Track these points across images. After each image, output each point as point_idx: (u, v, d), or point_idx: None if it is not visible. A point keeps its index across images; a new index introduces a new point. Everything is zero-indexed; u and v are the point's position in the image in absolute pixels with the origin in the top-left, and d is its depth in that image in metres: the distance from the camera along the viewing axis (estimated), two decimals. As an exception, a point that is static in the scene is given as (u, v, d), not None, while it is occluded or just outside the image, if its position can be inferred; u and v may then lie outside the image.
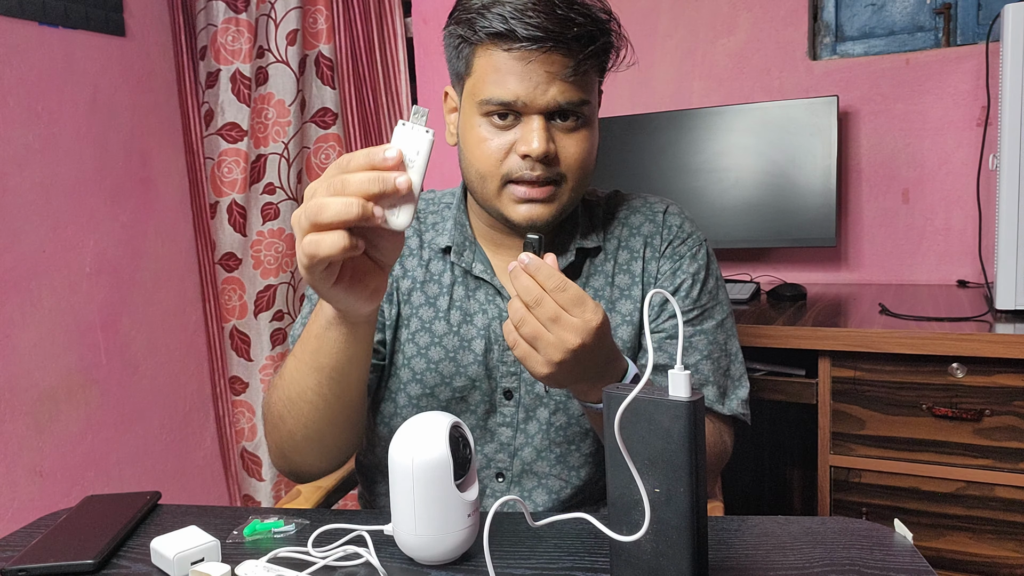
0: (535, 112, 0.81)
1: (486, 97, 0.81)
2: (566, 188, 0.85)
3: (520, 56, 0.79)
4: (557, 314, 0.66)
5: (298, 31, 2.07)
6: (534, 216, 0.84)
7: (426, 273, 0.95)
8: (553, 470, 0.92)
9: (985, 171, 1.66)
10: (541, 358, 0.68)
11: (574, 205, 0.88)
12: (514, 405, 0.92)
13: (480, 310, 0.92)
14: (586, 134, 0.85)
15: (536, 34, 0.77)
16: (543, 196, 0.83)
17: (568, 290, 0.67)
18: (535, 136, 0.80)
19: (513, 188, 0.83)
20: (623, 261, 0.94)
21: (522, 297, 0.68)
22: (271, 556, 0.69)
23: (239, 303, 2.19)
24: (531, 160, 0.81)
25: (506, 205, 0.85)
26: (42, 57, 1.84)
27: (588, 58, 0.80)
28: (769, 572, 0.65)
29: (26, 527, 0.81)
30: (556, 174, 0.83)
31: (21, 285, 1.79)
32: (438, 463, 0.66)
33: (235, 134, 2.12)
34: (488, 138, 0.83)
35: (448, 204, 0.98)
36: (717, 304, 0.95)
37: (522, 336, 0.68)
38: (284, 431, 0.83)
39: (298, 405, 0.80)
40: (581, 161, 0.84)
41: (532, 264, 0.67)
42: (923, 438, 1.33)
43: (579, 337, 0.67)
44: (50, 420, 1.85)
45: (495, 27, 0.78)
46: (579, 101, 0.82)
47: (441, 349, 0.92)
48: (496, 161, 0.83)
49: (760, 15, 1.87)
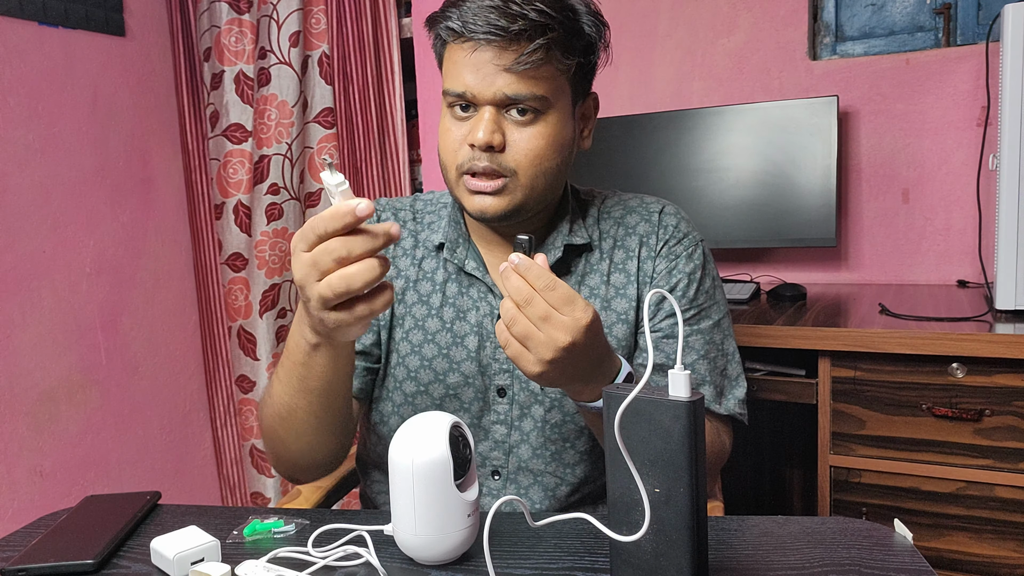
0: (485, 103, 0.83)
1: (446, 88, 0.86)
2: (518, 183, 0.85)
3: (470, 48, 0.82)
4: (547, 313, 0.67)
5: (300, 32, 2.08)
6: (484, 207, 0.85)
7: (419, 271, 0.96)
8: (548, 467, 0.93)
9: (985, 171, 1.66)
10: (533, 357, 0.68)
11: (537, 201, 0.88)
12: (508, 403, 0.92)
13: (473, 307, 0.93)
14: (542, 130, 0.84)
15: (484, 28, 0.80)
16: (492, 189, 0.84)
17: (558, 289, 0.67)
18: (480, 126, 0.82)
19: (466, 179, 0.86)
20: (619, 260, 0.94)
21: (512, 297, 0.68)
22: (271, 556, 0.69)
23: (245, 303, 2.20)
24: (477, 150, 0.83)
25: (463, 195, 0.87)
26: (42, 57, 1.84)
27: (536, 50, 0.80)
28: (769, 572, 0.65)
29: (26, 527, 0.81)
30: (504, 167, 0.84)
31: (21, 285, 1.79)
32: (438, 463, 0.66)
33: (239, 135, 2.13)
34: (449, 129, 0.87)
35: (444, 203, 1.00)
36: (714, 304, 0.95)
37: (513, 336, 0.69)
38: (278, 441, 0.86)
39: (288, 422, 0.83)
40: (532, 156, 0.84)
41: (522, 264, 0.68)
42: (923, 438, 1.33)
43: (569, 335, 0.67)
44: (50, 420, 1.85)
45: (452, 24, 0.82)
46: (529, 95, 0.82)
47: (434, 346, 0.93)
48: (453, 151, 0.86)
49: (760, 15, 1.87)
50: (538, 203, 0.88)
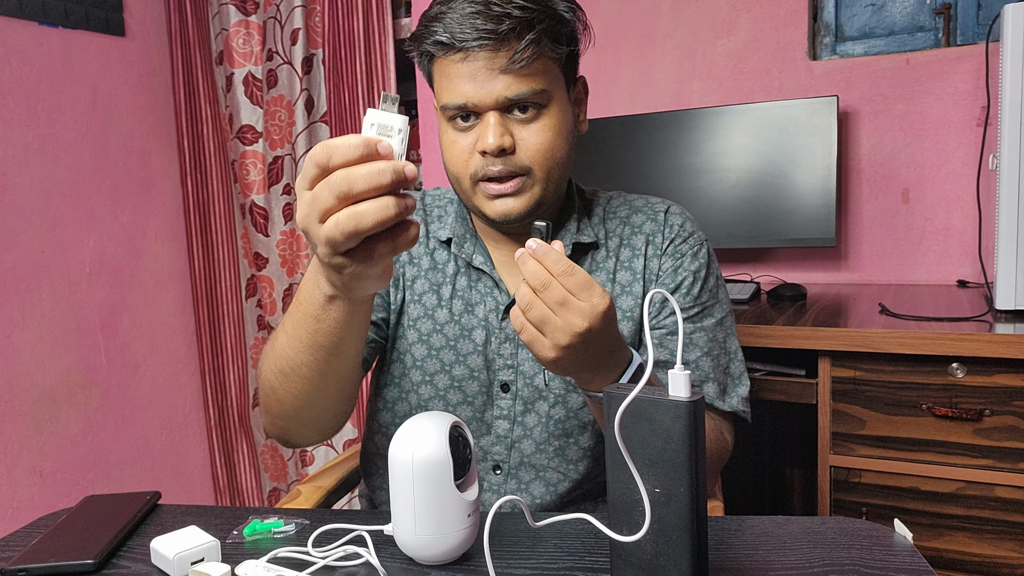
0: (487, 109, 0.83)
1: (443, 103, 0.85)
2: (535, 178, 0.86)
3: (463, 59, 0.82)
4: (565, 298, 0.66)
5: (300, 30, 2.08)
6: (507, 210, 0.86)
7: (431, 261, 0.97)
8: (551, 463, 0.93)
9: (985, 171, 1.66)
10: (548, 342, 0.68)
11: (553, 193, 0.89)
12: (511, 398, 0.93)
13: (481, 301, 0.94)
14: (547, 123, 0.85)
15: (473, 35, 0.80)
16: (511, 190, 0.85)
17: (576, 275, 0.67)
18: (488, 132, 0.82)
19: (484, 186, 0.86)
20: (625, 258, 0.95)
21: (530, 282, 0.67)
22: (271, 556, 0.69)
23: (268, 300, 2.24)
24: (490, 156, 0.83)
25: (482, 202, 0.87)
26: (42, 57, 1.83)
27: (529, 45, 0.80)
28: (769, 572, 0.65)
29: (26, 527, 0.81)
30: (519, 167, 0.84)
31: (21, 285, 1.79)
32: (438, 463, 0.66)
33: (251, 136, 2.17)
34: (455, 141, 0.86)
35: (451, 199, 1.00)
36: (717, 302, 0.96)
37: (529, 320, 0.68)
38: (275, 400, 0.82)
39: (291, 379, 0.78)
40: (544, 150, 0.85)
41: (540, 249, 0.67)
42: (923, 438, 1.33)
43: (586, 321, 0.67)
44: (50, 420, 1.85)
45: (439, 38, 0.82)
46: (529, 92, 0.82)
47: (442, 336, 0.94)
48: (463, 162, 0.86)
49: (760, 15, 1.87)
50: (554, 195, 0.89)
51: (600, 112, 2.00)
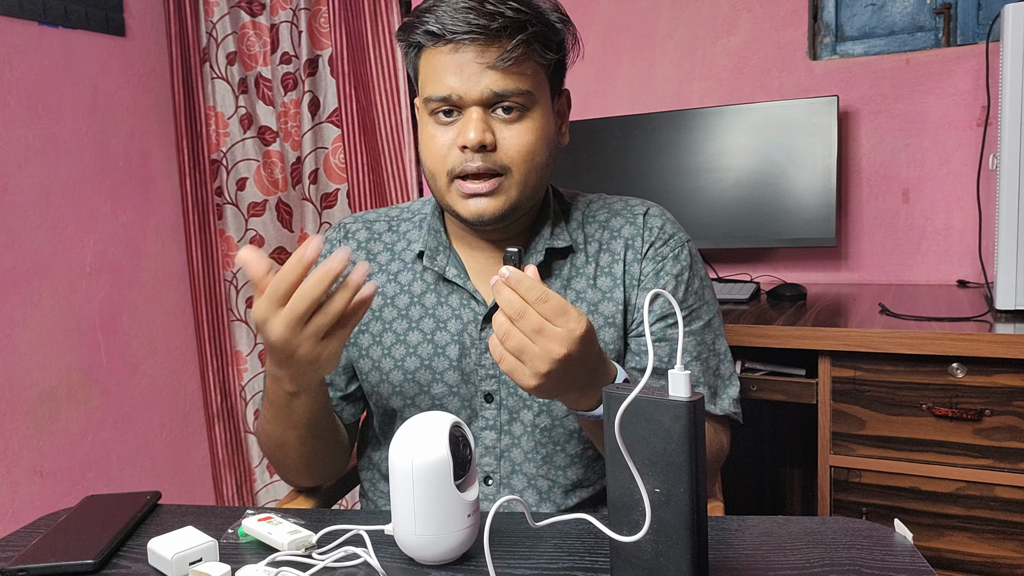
0: (471, 104, 0.82)
1: (427, 95, 0.85)
2: (512, 180, 0.85)
3: (452, 50, 0.81)
4: (541, 325, 0.66)
5: (302, 32, 2.09)
6: (481, 210, 0.85)
7: (396, 286, 0.95)
8: (540, 471, 0.92)
9: (985, 171, 1.66)
10: (528, 370, 0.68)
11: (529, 199, 0.87)
12: (496, 408, 0.92)
13: (453, 315, 0.92)
14: (530, 125, 0.84)
15: (464, 28, 0.80)
16: (487, 190, 0.84)
17: (550, 301, 0.67)
18: (470, 127, 0.82)
19: (459, 184, 0.85)
20: (604, 264, 0.93)
21: (505, 311, 0.67)
22: (270, 560, 0.69)
23: None
24: (469, 151, 0.83)
25: (456, 201, 0.86)
26: (42, 57, 1.84)
27: (519, 46, 0.80)
28: (769, 572, 0.65)
29: (26, 527, 0.81)
30: (498, 165, 0.84)
31: (21, 285, 1.79)
32: (438, 463, 0.66)
33: (268, 136, 2.20)
34: (434, 136, 0.85)
35: (421, 212, 0.99)
36: (703, 304, 0.94)
37: (508, 350, 0.68)
38: (278, 464, 0.95)
39: (284, 450, 0.91)
40: (524, 152, 0.84)
41: (513, 277, 0.67)
42: (923, 438, 1.33)
43: (564, 347, 0.67)
44: (50, 420, 1.85)
45: (430, 28, 0.81)
46: (515, 90, 0.82)
47: (416, 359, 0.92)
48: (442, 157, 0.85)
49: (760, 15, 1.87)
50: (530, 200, 0.88)
51: (600, 112, 2.00)
